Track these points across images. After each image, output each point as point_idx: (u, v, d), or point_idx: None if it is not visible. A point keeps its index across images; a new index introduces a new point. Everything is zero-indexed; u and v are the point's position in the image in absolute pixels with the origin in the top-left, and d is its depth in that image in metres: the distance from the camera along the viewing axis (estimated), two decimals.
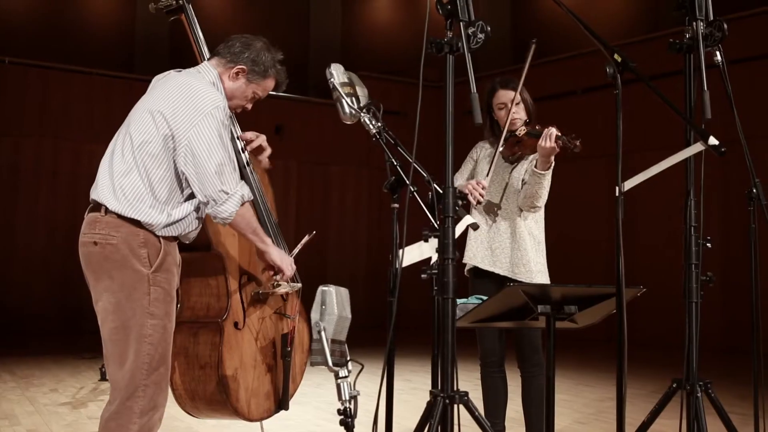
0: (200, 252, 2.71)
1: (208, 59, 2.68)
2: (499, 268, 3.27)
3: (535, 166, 3.18)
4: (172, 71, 2.62)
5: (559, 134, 3.09)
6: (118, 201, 2.37)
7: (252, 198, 2.54)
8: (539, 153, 3.15)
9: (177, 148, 2.39)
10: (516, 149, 3.31)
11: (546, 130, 3.10)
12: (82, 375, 6.32)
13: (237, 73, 2.61)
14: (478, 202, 3.19)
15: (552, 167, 3.20)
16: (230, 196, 2.41)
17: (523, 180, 3.30)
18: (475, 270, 3.34)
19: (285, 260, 2.71)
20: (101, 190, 2.41)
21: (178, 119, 2.39)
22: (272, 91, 2.73)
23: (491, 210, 3.34)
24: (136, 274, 2.36)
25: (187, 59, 2.76)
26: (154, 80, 2.64)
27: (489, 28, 1.94)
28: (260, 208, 2.79)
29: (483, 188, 3.17)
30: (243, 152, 2.79)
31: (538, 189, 3.18)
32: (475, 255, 3.33)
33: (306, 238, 2.91)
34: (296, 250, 2.88)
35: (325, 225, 11.59)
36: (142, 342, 2.35)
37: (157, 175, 2.39)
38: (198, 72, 2.58)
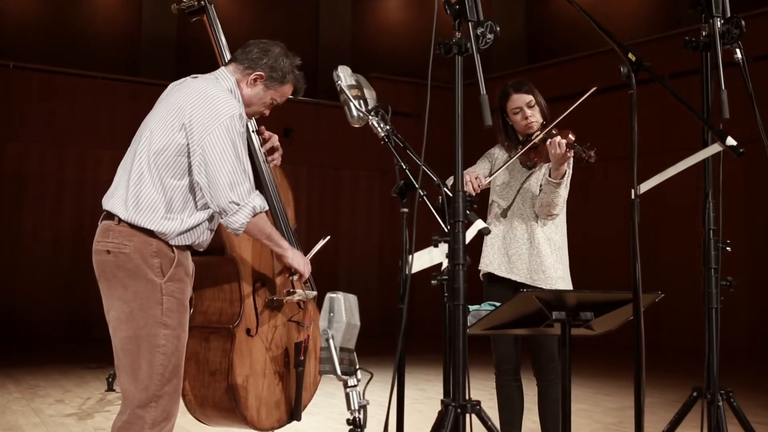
0: (214, 256, 2.69)
1: (225, 65, 2.65)
2: (517, 275, 3.20)
3: (549, 174, 3.11)
4: (188, 78, 2.59)
5: (574, 143, 3.03)
6: (131, 210, 2.36)
7: (267, 208, 2.52)
8: (551, 160, 3.08)
9: (192, 156, 2.37)
10: (532, 155, 3.24)
11: (556, 137, 3.03)
12: (89, 385, 6.25)
13: (255, 80, 2.58)
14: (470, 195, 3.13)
15: (568, 176, 3.13)
16: (241, 207, 2.39)
17: (540, 186, 3.24)
18: (491, 275, 3.27)
19: (302, 261, 2.70)
20: (115, 200, 2.40)
21: (193, 127, 2.37)
22: (290, 96, 2.71)
23: (507, 216, 3.27)
24: (149, 284, 2.34)
25: (192, 64, 2.74)
26: (170, 87, 2.60)
27: (498, 29, 1.88)
28: (275, 211, 2.77)
29: (479, 185, 3.11)
30: (260, 150, 2.79)
31: (554, 198, 3.11)
32: (492, 262, 3.26)
33: (321, 242, 2.88)
34: (311, 254, 2.84)
35: (336, 230, 11.51)
36: (155, 352, 2.33)
37: (172, 183, 2.38)
38: (215, 78, 2.55)
